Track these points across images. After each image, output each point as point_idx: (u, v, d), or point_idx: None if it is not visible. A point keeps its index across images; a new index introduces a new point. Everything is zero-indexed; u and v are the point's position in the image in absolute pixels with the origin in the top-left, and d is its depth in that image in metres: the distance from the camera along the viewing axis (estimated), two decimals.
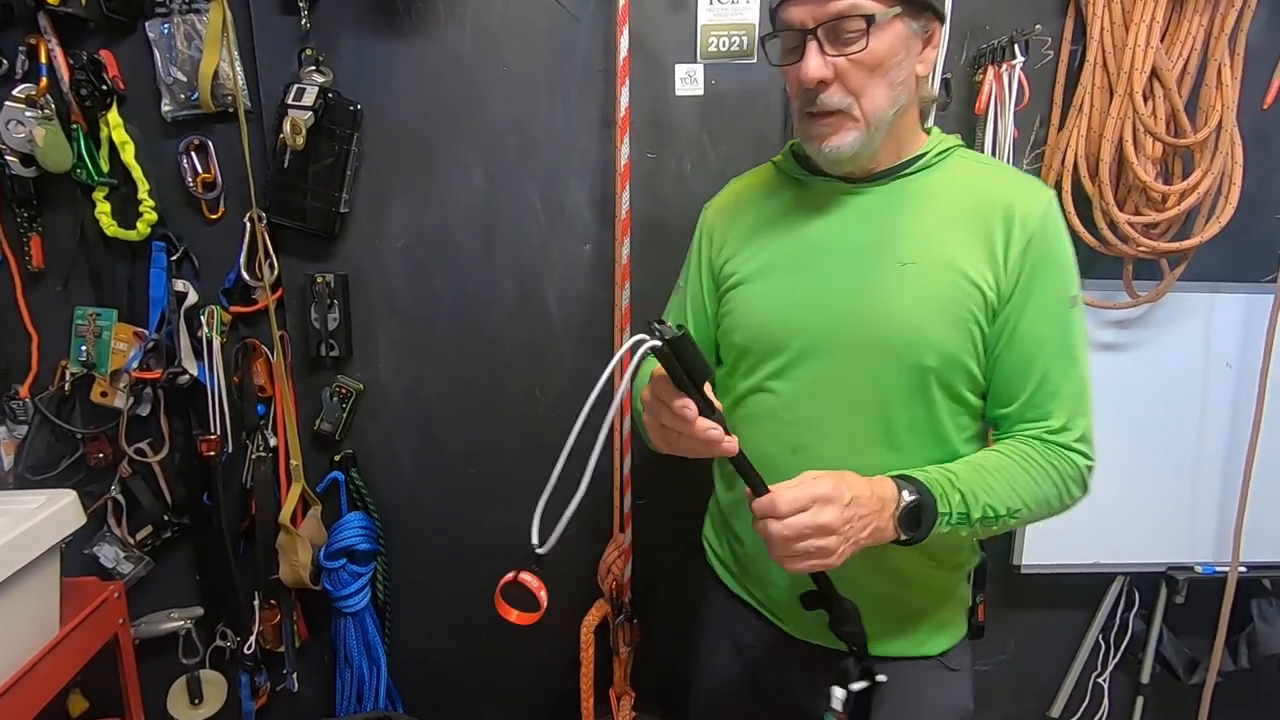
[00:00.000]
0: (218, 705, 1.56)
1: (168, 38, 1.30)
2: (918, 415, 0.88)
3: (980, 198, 0.87)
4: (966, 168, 0.91)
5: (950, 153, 0.92)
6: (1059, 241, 0.87)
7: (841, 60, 0.81)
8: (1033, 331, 0.85)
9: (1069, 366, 0.87)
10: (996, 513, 0.83)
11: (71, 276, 1.39)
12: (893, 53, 0.82)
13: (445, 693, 1.64)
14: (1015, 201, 0.85)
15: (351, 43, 1.35)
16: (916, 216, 0.88)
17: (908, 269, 0.86)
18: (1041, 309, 0.85)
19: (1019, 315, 0.85)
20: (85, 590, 1.30)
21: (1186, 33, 1.28)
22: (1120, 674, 1.70)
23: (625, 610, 1.46)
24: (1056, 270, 0.86)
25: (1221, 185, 1.32)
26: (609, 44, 1.36)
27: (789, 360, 0.92)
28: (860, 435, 0.90)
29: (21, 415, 1.40)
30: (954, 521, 0.81)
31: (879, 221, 0.90)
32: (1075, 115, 1.34)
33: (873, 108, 0.84)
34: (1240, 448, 1.51)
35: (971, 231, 0.86)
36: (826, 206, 0.93)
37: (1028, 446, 0.87)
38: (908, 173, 0.91)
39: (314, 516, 1.49)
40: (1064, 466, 0.86)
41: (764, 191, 1.02)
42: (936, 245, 0.86)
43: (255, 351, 1.45)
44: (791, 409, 0.93)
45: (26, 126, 1.26)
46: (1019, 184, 0.89)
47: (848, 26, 0.80)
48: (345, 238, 1.42)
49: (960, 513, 0.81)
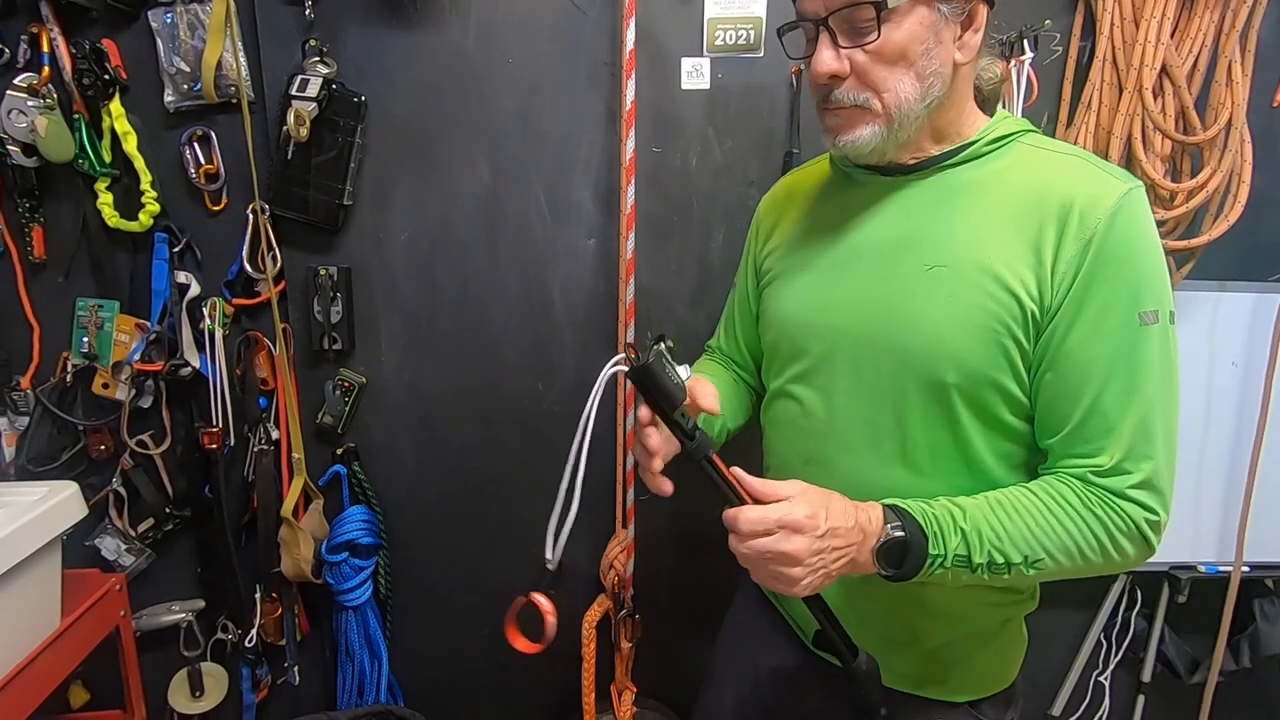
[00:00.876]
0: (219, 698, 1.56)
1: (171, 27, 1.29)
2: (940, 436, 0.79)
3: (1038, 192, 0.75)
4: (1029, 156, 0.79)
5: (1011, 139, 0.80)
6: (1134, 243, 0.72)
7: (858, 53, 0.75)
8: (1084, 351, 0.73)
9: (1131, 395, 0.72)
10: (1009, 560, 0.73)
11: (73, 267, 1.39)
12: (916, 41, 0.74)
13: (446, 687, 1.64)
14: (1079, 195, 0.73)
15: (355, 34, 1.34)
16: (956, 213, 0.79)
17: (935, 272, 0.77)
18: (1098, 324, 0.72)
19: (1067, 331, 0.73)
20: (87, 582, 1.30)
21: (1197, 29, 1.27)
22: (1122, 673, 1.70)
23: (627, 606, 1.46)
24: (1124, 277, 0.72)
25: (1230, 183, 1.31)
26: (615, 37, 1.35)
27: (810, 365, 0.87)
28: (875, 452, 0.83)
29: (23, 406, 1.40)
30: (950, 564, 0.73)
31: (912, 218, 0.81)
32: (1084, 112, 1.34)
33: (897, 102, 0.75)
34: (1245, 447, 1.51)
35: (1019, 231, 0.75)
36: (866, 202, 0.86)
37: (1067, 488, 0.75)
38: (951, 163, 0.81)
39: (316, 510, 1.49)
40: (1109, 517, 0.73)
41: (812, 185, 0.96)
42: (972, 247, 0.76)
43: (258, 344, 1.45)
44: (809, 417, 0.88)
45: (28, 116, 1.25)
46: (1091, 175, 0.75)
47: (860, 15, 0.73)
48: (348, 230, 1.41)
49: (959, 555, 0.72)
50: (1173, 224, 1.35)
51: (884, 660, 0.82)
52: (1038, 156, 0.79)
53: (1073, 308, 0.73)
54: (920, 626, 0.86)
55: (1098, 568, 0.75)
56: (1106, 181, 0.74)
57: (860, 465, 0.84)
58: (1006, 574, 0.74)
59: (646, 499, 1.48)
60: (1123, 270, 0.72)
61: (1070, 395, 0.74)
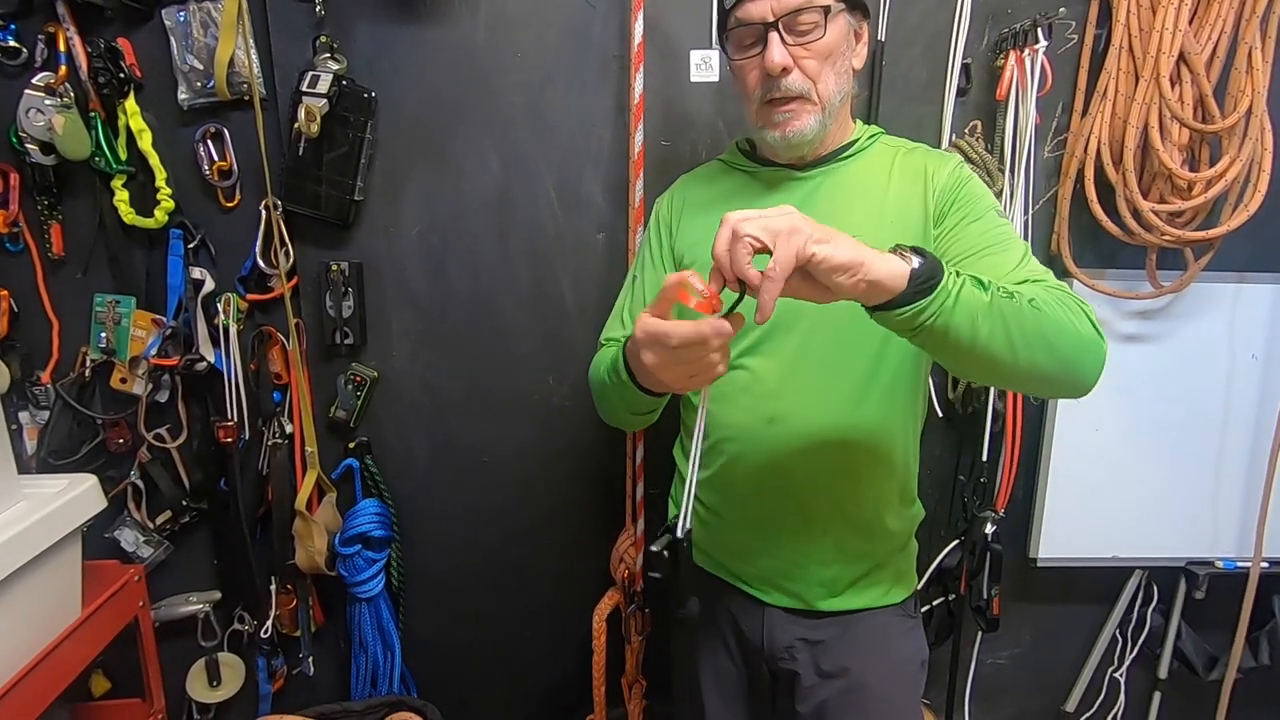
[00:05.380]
0: (235, 687, 1.58)
1: (184, 25, 1.31)
2: (885, 372, 0.96)
3: (905, 163, 0.99)
4: (891, 148, 1.03)
5: (876, 138, 1.04)
6: (975, 180, 0.97)
7: (800, 49, 0.90)
8: (982, 232, 0.91)
9: (1012, 248, 0.89)
10: (1010, 293, 0.75)
11: (91, 264, 1.41)
12: (840, 42, 0.92)
13: (458, 678, 1.65)
14: (932, 158, 0.99)
15: (366, 29, 1.34)
16: (858, 193, 0.98)
17: (859, 239, 0.84)
18: (975, 221, 0.92)
19: (954, 232, 0.92)
20: (106, 573, 1.32)
21: (1216, 15, 1.24)
22: (1137, 669, 1.68)
23: (637, 599, 1.46)
24: (976, 192, 0.95)
25: (1250, 173, 1.28)
26: (623, 30, 1.34)
27: (760, 336, 0.97)
28: (835, 398, 0.96)
29: (44, 401, 1.42)
30: (967, 284, 0.73)
31: (826, 201, 0.98)
32: (1099, 101, 1.32)
33: (827, 92, 0.93)
34: (1265, 441, 1.49)
35: (905, 187, 0.96)
36: (775, 189, 1.02)
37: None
38: (845, 156, 1.01)
39: (329, 503, 1.50)
40: (1059, 289, 0.82)
41: (712, 179, 1.11)
42: (877, 211, 0.96)
43: (271, 339, 1.46)
44: (764, 381, 0.98)
45: (46, 114, 1.27)
46: (933, 151, 1.02)
47: (805, 19, 0.89)
48: (360, 226, 1.42)
49: (972, 278, 0.74)
50: (1190, 214, 1.33)
51: (840, 579, 1.02)
52: (896, 147, 1.02)
53: (955, 219, 0.93)
54: (863, 550, 1.03)
55: (1070, 337, 0.78)
56: (943, 153, 1.02)
57: (822, 410, 0.96)
58: (1013, 303, 0.75)
59: (657, 493, 1.48)
60: (973, 189, 0.95)
61: (979, 263, 0.87)
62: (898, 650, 1.07)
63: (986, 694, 1.69)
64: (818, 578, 1.03)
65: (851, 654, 1.04)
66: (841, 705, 1.04)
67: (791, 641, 1.06)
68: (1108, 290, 1.42)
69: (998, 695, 1.72)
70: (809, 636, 1.05)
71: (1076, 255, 1.42)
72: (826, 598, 1.04)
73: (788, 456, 0.97)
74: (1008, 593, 1.55)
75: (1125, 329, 1.48)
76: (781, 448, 0.97)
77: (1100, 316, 1.48)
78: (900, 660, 1.08)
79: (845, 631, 1.05)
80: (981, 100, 1.39)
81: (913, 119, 1.39)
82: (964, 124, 1.40)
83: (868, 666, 1.04)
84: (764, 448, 0.98)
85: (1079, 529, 1.56)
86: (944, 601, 1.55)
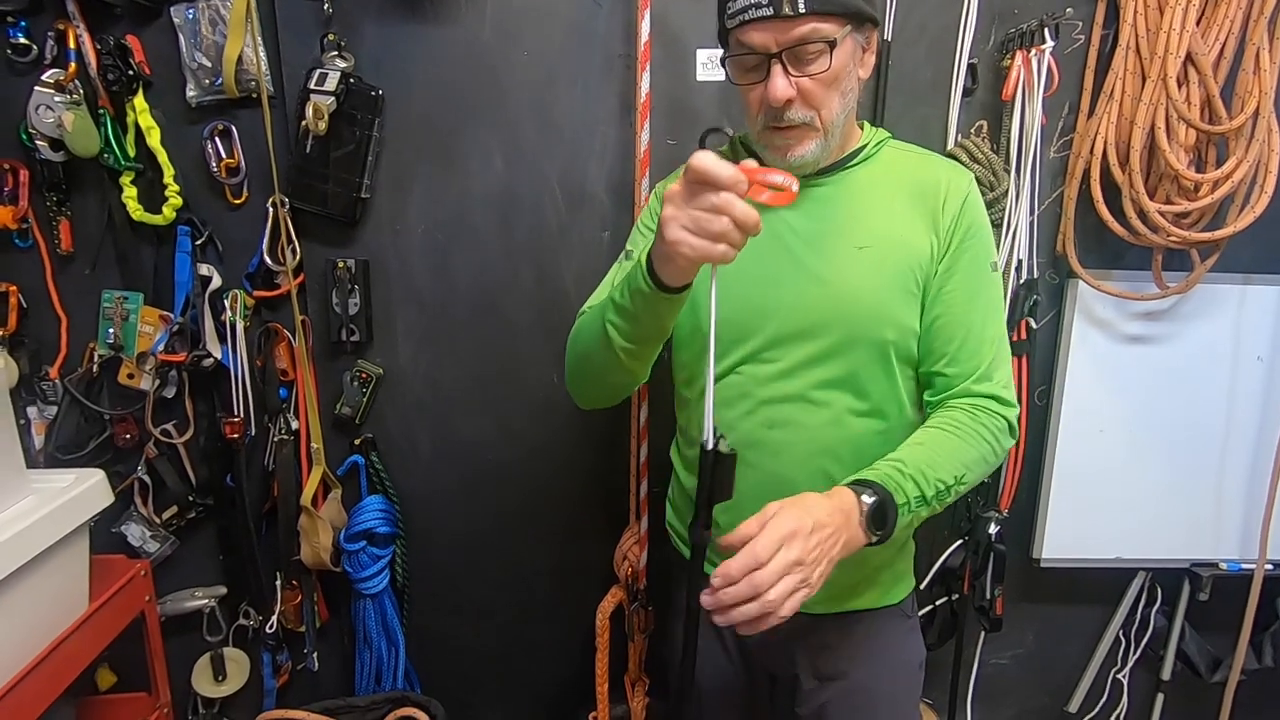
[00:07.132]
0: (240, 682, 1.59)
1: (192, 23, 1.31)
2: (882, 385, 0.97)
3: (917, 177, 0.97)
4: (900, 155, 1.01)
5: (883, 144, 1.02)
6: (983, 214, 0.98)
7: (805, 80, 0.88)
8: (964, 291, 0.94)
9: (990, 321, 0.95)
10: (947, 484, 0.86)
11: (99, 260, 1.41)
12: (846, 66, 0.90)
13: (461, 675, 1.66)
14: (945, 177, 0.97)
15: (373, 28, 1.35)
16: (865, 203, 0.97)
17: (865, 251, 0.94)
18: (970, 271, 0.95)
19: (950, 277, 0.94)
20: (113, 568, 1.33)
21: (1224, 15, 1.24)
22: (1140, 670, 1.68)
23: (640, 597, 1.46)
24: (980, 238, 0.96)
25: (1257, 174, 1.28)
26: (630, 28, 1.35)
27: (763, 344, 0.97)
28: (837, 406, 0.97)
29: (51, 396, 1.43)
30: (914, 507, 0.84)
31: (832, 211, 0.97)
32: (1106, 101, 1.31)
33: (830, 117, 0.91)
34: (1270, 443, 1.48)
35: (914, 206, 0.95)
36: None
37: (957, 412, 0.93)
38: (852, 164, 0.99)
39: (334, 499, 1.51)
40: (992, 423, 0.92)
41: None
42: (886, 226, 0.95)
43: (277, 335, 1.47)
44: (766, 387, 0.98)
45: (55, 111, 1.28)
46: (946, 165, 1.01)
47: (809, 50, 0.86)
48: (366, 223, 1.42)
49: (917, 496, 0.84)
50: (1197, 215, 1.33)
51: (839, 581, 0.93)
52: (905, 154, 1.01)
53: (952, 260, 0.94)
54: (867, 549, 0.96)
55: (992, 466, 0.94)
56: (957, 168, 1.00)
57: (824, 419, 0.96)
58: (948, 496, 0.87)
59: (660, 490, 1.49)
60: (980, 233, 0.96)
61: (955, 324, 0.94)
62: (897, 652, 1.08)
63: (989, 694, 1.69)
64: None
65: (851, 657, 1.05)
66: (842, 708, 1.04)
67: (790, 645, 1.06)
68: (1113, 291, 1.42)
69: (1000, 695, 1.72)
70: (807, 640, 1.05)
71: (1082, 256, 1.42)
72: (825, 600, 1.00)
73: (788, 461, 0.98)
74: (1011, 593, 1.55)
75: (1130, 330, 1.48)
76: (782, 452, 0.98)
77: (1106, 317, 1.49)
78: (900, 662, 1.08)
79: (844, 634, 1.05)
80: (987, 100, 1.39)
81: (918, 119, 1.39)
82: (970, 124, 1.40)
83: (867, 669, 1.05)
84: (764, 451, 0.98)
85: (1083, 529, 1.56)
86: (947, 601, 1.55)
